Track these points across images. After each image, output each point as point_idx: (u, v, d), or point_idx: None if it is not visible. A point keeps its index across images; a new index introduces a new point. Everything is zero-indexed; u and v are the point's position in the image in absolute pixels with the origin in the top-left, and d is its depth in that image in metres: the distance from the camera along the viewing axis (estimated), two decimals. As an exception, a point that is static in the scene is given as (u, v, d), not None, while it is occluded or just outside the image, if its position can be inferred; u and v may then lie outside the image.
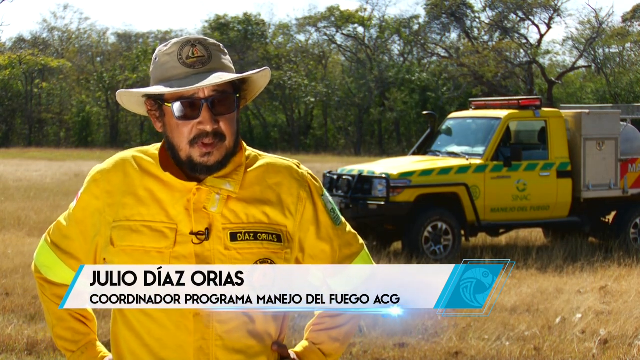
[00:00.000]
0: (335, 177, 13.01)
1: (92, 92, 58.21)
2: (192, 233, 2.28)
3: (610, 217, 13.78)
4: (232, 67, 2.34)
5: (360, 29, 55.09)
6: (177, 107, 2.25)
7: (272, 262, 2.30)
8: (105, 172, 2.38)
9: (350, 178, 12.69)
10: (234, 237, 2.29)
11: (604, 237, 13.40)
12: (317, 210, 2.40)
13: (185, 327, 2.27)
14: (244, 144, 2.39)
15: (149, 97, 2.33)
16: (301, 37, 56.81)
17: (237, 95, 2.31)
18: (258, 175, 2.36)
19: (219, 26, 53.67)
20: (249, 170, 2.36)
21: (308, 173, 2.43)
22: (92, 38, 64.82)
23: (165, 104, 2.28)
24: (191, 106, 2.25)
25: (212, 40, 2.33)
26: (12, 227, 13.93)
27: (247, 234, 2.29)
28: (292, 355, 2.43)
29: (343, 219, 2.47)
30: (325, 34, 55.43)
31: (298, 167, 2.43)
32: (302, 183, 2.39)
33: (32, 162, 33.76)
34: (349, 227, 2.48)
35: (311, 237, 2.39)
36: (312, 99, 51.94)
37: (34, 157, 37.39)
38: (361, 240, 2.51)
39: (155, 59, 2.34)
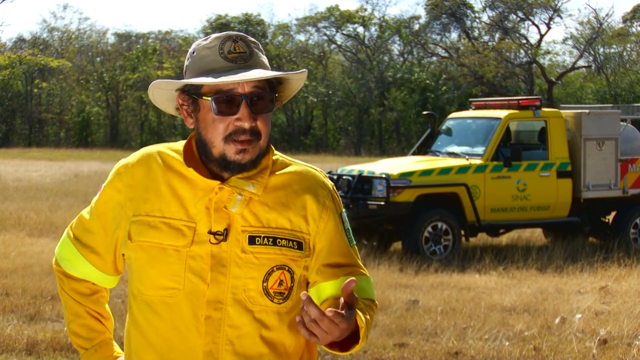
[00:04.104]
0: (335, 177, 13.00)
1: (92, 92, 58.22)
2: (210, 232, 2.23)
3: (610, 217, 13.78)
4: (269, 66, 2.31)
5: (360, 29, 55.15)
6: (215, 101, 2.21)
7: (290, 269, 2.26)
8: (129, 166, 2.34)
9: (350, 178, 12.69)
10: (252, 240, 2.24)
11: (604, 237, 13.40)
12: (338, 224, 2.35)
13: (196, 330, 2.23)
14: (273, 148, 2.35)
15: (183, 91, 2.28)
16: (301, 37, 56.90)
17: (276, 95, 2.30)
18: (284, 180, 2.31)
19: (219, 26, 53.66)
20: (275, 174, 2.31)
21: (332, 186, 2.40)
22: (92, 38, 64.83)
23: (203, 97, 2.24)
24: (230, 102, 2.21)
25: (251, 38, 2.30)
26: (12, 227, 13.92)
27: (266, 239, 2.25)
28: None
29: (355, 242, 2.43)
30: (325, 34, 55.47)
31: (324, 177, 2.39)
32: (328, 193, 2.36)
33: (32, 162, 33.77)
34: (358, 252, 2.42)
35: (326, 248, 2.33)
36: (313, 99, 51.95)
37: (34, 157, 37.40)
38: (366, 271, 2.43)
39: (193, 52, 2.29)
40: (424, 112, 15.29)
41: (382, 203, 12.18)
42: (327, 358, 6.83)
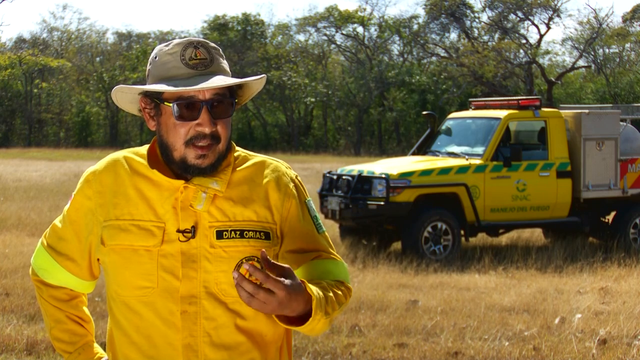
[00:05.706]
0: (335, 177, 13.01)
1: (92, 92, 58.21)
2: (178, 231, 2.30)
3: (610, 217, 13.78)
4: (229, 71, 2.38)
5: (360, 29, 55.15)
6: (177, 107, 2.27)
7: (259, 260, 2.28)
8: (97, 173, 2.42)
9: (350, 178, 12.69)
10: (219, 235, 2.30)
11: (604, 237, 13.40)
12: (302, 211, 2.41)
13: (173, 325, 2.29)
14: (234, 145, 2.42)
15: (146, 95, 2.35)
16: (301, 37, 56.90)
17: (236, 100, 2.35)
18: (246, 174, 2.38)
19: (218, 26, 53.64)
20: (237, 169, 2.38)
21: (296, 176, 2.46)
22: (91, 38, 64.83)
23: (165, 102, 2.30)
24: (191, 107, 2.27)
25: (212, 44, 2.35)
26: (12, 227, 13.93)
27: (233, 232, 2.31)
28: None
29: (324, 229, 2.47)
30: (325, 34, 55.46)
31: (287, 167, 2.46)
32: (290, 181, 2.42)
33: (32, 162, 33.76)
34: (329, 240, 2.47)
35: (289, 235, 2.39)
36: (312, 99, 51.93)
37: (34, 157, 37.38)
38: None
39: (155, 57, 2.36)
40: (424, 112, 15.29)
41: (382, 203, 12.18)
42: (327, 358, 6.84)
